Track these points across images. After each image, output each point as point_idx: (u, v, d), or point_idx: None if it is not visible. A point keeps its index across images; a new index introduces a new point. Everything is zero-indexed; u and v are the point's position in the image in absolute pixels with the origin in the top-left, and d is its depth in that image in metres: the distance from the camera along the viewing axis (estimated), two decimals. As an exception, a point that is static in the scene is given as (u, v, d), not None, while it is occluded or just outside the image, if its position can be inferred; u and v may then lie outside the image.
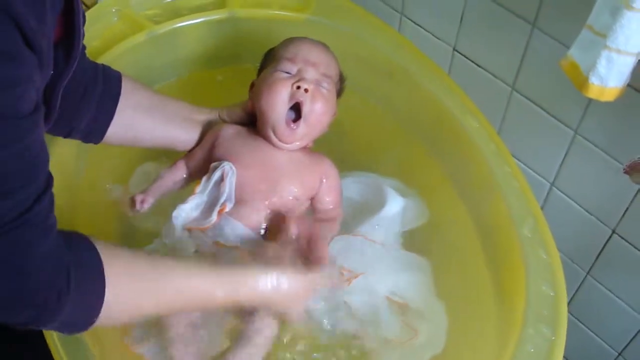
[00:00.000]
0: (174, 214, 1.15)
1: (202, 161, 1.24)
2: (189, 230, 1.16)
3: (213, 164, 1.19)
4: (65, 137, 1.15)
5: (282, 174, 1.20)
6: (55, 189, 1.12)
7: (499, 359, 1.03)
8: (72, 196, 1.23)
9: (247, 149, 1.21)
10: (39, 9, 0.73)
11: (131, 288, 0.90)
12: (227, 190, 1.15)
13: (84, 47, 1.12)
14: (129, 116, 1.19)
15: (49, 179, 0.81)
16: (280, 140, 1.19)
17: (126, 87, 1.18)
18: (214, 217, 1.14)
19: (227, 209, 1.15)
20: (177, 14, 1.47)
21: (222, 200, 1.15)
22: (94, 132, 1.16)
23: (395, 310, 1.18)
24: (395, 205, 1.27)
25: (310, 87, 1.17)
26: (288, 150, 1.21)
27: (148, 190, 1.22)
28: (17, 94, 0.71)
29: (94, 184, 1.32)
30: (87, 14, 1.02)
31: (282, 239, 1.13)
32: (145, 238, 1.22)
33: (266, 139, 1.21)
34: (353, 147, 1.36)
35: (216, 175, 1.17)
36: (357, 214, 1.29)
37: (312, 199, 1.25)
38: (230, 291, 1.00)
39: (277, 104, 1.17)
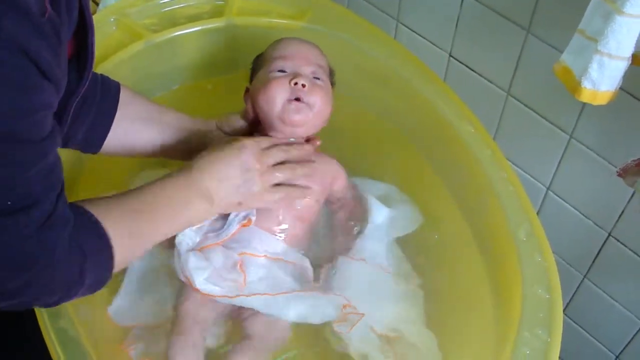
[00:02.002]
0: (177, 239, 1.15)
1: None
2: (201, 250, 1.16)
3: None
4: (62, 146, 1.14)
5: None
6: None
7: (496, 361, 1.03)
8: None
9: None
10: (54, 43, 0.76)
11: (131, 236, 0.96)
12: None
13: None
14: (127, 126, 1.19)
15: (63, 182, 0.87)
16: (291, 124, 1.19)
17: (124, 97, 1.19)
18: (233, 228, 1.15)
19: (252, 223, 1.16)
20: (175, 22, 1.47)
21: (243, 214, 1.16)
22: (92, 142, 1.17)
23: (386, 344, 1.18)
24: (379, 216, 1.28)
25: (307, 82, 1.18)
26: (300, 138, 1.22)
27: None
28: (37, 119, 0.77)
29: (93, 190, 1.33)
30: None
31: None
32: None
33: (278, 132, 1.21)
34: (348, 153, 1.36)
35: None
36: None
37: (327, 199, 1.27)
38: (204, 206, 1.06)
39: (277, 99, 1.18)
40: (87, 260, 0.87)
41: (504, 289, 1.13)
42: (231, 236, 1.16)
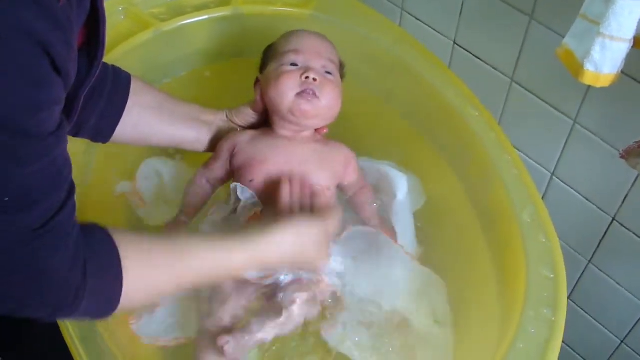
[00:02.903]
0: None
1: (223, 172, 1.26)
2: None
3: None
4: (74, 136, 1.15)
5: (309, 167, 1.21)
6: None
7: (501, 341, 1.04)
8: (80, 191, 1.25)
9: (269, 149, 1.21)
10: (67, 33, 0.74)
11: (149, 274, 0.91)
12: (249, 196, 1.17)
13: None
14: (137, 115, 1.20)
15: (72, 187, 0.83)
16: (302, 116, 1.19)
17: (135, 87, 1.19)
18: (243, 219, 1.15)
19: (259, 213, 1.15)
20: (183, 11, 1.49)
21: (251, 203, 1.16)
22: (102, 131, 1.17)
23: (393, 327, 1.19)
24: (402, 186, 1.30)
25: (318, 76, 1.18)
26: (309, 139, 1.23)
27: (182, 216, 1.25)
28: (43, 116, 0.74)
29: (102, 179, 1.35)
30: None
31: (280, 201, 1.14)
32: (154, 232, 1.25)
33: (288, 123, 1.21)
34: (355, 139, 1.37)
35: (232, 198, 1.18)
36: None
37: (339, 185, 1.27)
38: (248, 253, 1.00)
39: (288, 93, 1.18)
40: (88, 283, 0.82)
41: (509, 269, 1.15)
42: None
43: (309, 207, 1.13)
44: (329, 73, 1.22)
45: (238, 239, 1.00)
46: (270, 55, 1.28)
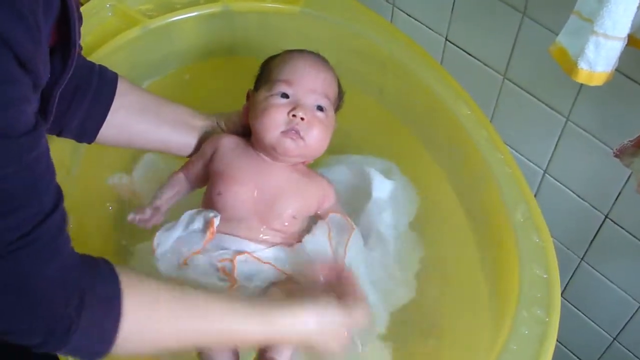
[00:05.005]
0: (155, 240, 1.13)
1: (202, 171, 1.23)
2: (185, 263, 1.12)
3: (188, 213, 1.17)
4: (57, 135, 1.14)
5: (282, 194, 1.18)
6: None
7: (494, 342, 1.03)
8: (70, 188, 1.24)
9: (244, 167, 1.19)
10: (34, 32, 0.71)
11: (151, 322, 0.85)
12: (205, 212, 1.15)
13: (79, 47, 1.12)
14: (122, 117, 1.17)
15: (58, 197, 0.78)
16: (283, 155, 1.17)
17: (121, 88, 1.17)
18: (206, 235, 1.12)
19: (216, 223, 1.12)
20: (171, 8, 1.47)
21: (209, 216, 1.13)
22: (86, 131, 1.15)
23: None
24: (381, 190, 1.28)
25: (307, 115, 1.14)
26: (289, 166, 1.20)
27: (155, 208, 1.20)
28: (11, 115, 0.70)
29: (93, 175, 1.34)
30: (81, 9, 1.02)
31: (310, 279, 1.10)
32: (143, 232, 1.23)
33: (267, 154, 1.19)
34: (345, 136, 1.36)
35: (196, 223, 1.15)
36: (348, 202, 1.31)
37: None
38: (265, 329, 0.94)
39: (273, 129, 1.15)
40: (83, 314, 0.77)
41: (501, 270, 1.14)
42: (205, 243, 1.13)
43: (337, 290, 1.05)
44: (320, 109, 1.18)
45: (258, 310, 0.94)
46: (265, 75, 1.23)
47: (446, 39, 1.57)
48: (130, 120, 1.19)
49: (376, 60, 1.45)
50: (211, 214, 1.13)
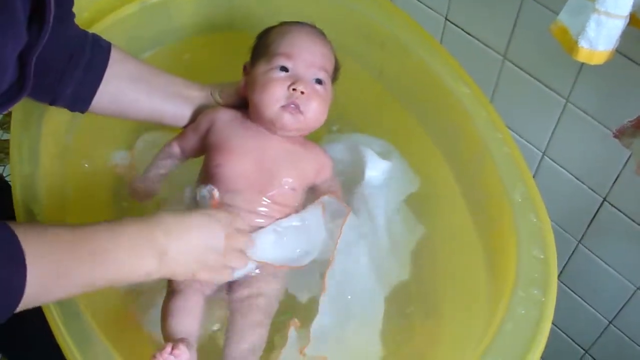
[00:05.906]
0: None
1: (197, 144, 1.24)
2: None
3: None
4: (50, 104, 1.14)
5: (279, 166, 1.18)
6: (49, 157, 1.14)
7: (490, 321, 1.03)
8: (67, 164, 1.24)
9: (242, 139, 1.19)
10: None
11: (52, 268, 0.85)
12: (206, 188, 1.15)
13: (72, 15, 1.11)
14: (115, 86, 1.17)
15: None
16: (282, 129, 1.17)
17: (115, 57, 1.17)
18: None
19: (216, 195, 1.12)
20: (169, -17, 1.46)
21: (208, 189, 1.14)
22: (79, 100, 1.15)
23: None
24: (375, 169, 1.28)
25: (306, 89, 1.14)
26: (286, 137, 1.20)
27: (147, 180, 1.22)
28: None
29: (92, 151, 1.34)
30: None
31: None
32: (142, 206, 1.23)
33: (265, 127, 1.19)
34: (344, 116, 1.36)
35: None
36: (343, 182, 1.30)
37: (309, 187, 1.24)
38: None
39: (273, 103, 1.15)
40: None
41: (498, 249, 1.13)
42: None
43: None
44: (319, 82, 1.18)
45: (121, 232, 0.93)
46: (262, 47, 1.22)
47: (446, 19, 1.56)
48: (123, 88, 1.18)
49: (376, 39, 1.44)
50: (208, 187, 1.14)
